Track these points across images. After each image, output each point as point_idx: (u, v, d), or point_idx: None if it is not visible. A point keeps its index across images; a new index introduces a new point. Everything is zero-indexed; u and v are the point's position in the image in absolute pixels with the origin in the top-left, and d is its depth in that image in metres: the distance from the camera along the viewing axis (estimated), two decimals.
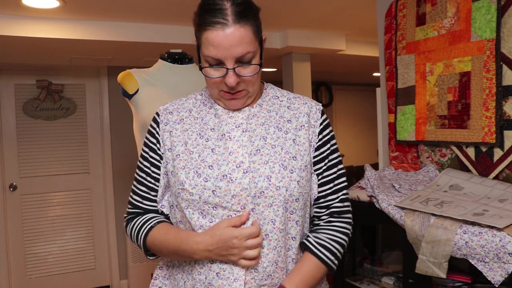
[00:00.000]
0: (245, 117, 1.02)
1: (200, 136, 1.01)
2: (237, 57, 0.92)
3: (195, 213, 0.97)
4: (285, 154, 0.99)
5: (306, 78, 3.56)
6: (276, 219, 0.95)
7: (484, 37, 1.42)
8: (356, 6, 2.57)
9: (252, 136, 0.99)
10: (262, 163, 0.97)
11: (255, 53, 0.95)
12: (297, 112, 1.04)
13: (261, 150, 0.98)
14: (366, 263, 1.77)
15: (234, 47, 0.90)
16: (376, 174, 1.64)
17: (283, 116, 1.04)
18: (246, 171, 0.95)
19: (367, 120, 5.97)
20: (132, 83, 1.84)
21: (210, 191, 0.95)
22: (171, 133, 1.03)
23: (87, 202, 3.83)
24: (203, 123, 1.03)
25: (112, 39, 2.74)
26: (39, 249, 3.67)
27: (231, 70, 0.92)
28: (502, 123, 1.39)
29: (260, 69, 0.98)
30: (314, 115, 1.05)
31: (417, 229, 1.28)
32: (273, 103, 1.06)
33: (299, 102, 1.07)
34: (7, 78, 3.58)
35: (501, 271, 1.11)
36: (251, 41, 0.92)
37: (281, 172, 0.96)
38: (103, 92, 3.85)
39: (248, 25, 0.91)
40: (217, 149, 0.98)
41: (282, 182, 0.95)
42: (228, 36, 0.89)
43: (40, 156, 3.68)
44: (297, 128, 1.02)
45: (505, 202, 1.24)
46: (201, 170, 0.96)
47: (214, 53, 0.92)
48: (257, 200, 0.94)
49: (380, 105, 1.97)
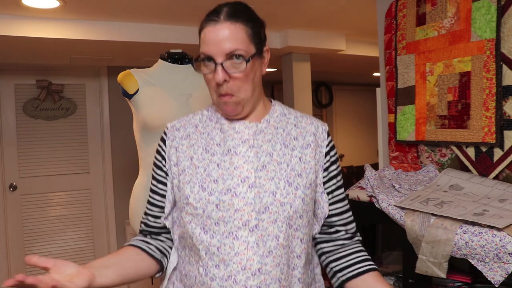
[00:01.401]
0: (251, 133, 1.02)
1: (206, 151, 1.02)
2: (226, 53, 0.93)
3: (197, 228, 0.97)
4: (291, 171, 0.99)
5: (306, 78, 3.56)
6: (280, 235, 0.95)
7: (484, 37, 1.42)
8: (356, 6, 2.57)
9: (258, 152, 1.00)
10: (268, 179, 0.97)
11: (247, 54, 0.95)
12: (304, 131, 1.06)
13: (267, 166, 0.99)
14: None
15: (222, 42, 0.93)
16: (376, 174, 1.64)
17: (290, 134, 1.05)
18: (251, 186, 0.96)
19: (367, 120, 5.97)
20: (132, 83, 1.84)
21: (214, 205, 0.95)
22: (177, 148, 1.05)
23: (87, 202, 3.83)
24: (209, 138, 1.04)
25: (112, 39, 2.74)
26: (39, 249, 3.67)
27: (219, 65, 0.94)
28: (502, 123, 1.39)
29: (256, 72, 0.99)
30: (320, 135, 1.07)
31: (417, 229, 1.28)
32: (280, 120, 1.07)
33: (306, 122, 1.08)
34: (7, 78, 3.58)
35: (501, 271, 1.11)
36: (242, 40, 0.94)
37: (286, 189, 0.97)
38: (103, 92, 3.85)
39: (239, 24, 0.95)
40: (223, 164, 0.99)
41: (286, 198, 0.96)
42: (218, 30, 0.94)
43: (40, 156, 3.68)
44: (303, 147, 1.03)
45: (505, 202, 1.24)
46: (206, 184, 0.97)
47: (206, 48, 0.95)
48: (261, 215, 0.94)
49: (380, 105, 1.97)
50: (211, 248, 0.96)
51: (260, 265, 0.93)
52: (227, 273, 0.94)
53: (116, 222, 3.87)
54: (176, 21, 2.78)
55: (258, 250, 0.94)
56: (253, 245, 0.94)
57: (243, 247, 0.94)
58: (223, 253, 0.95)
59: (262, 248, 0.94)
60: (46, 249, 3.69)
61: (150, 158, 1.88)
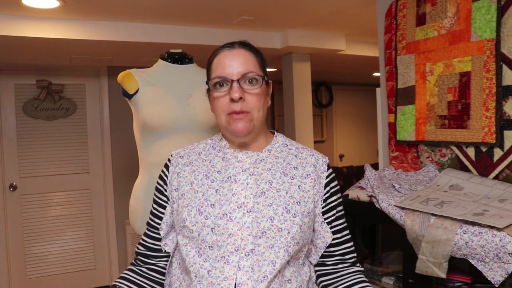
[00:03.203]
0: (252, 161, 1.04)
1: (206, 177, 1.04)
2: (242, 74, 1.00)
3: (192, 250, 0.99)
4: (290, 198, 1.00)
5: (306, 78, 3.56)
6: (276, 261, 0.95)
7: (484, 37, 1.42)
8: (356, 6, 2.58)
9: (258, 179, 1.02)
10: (266, 204, 0.98)
11: (259, 79, 1.02)
12: (304, 161, 1.08)
13: (266, 192, 1.00)
14: (366, 263, 1.77)
15: (238, 64, 1.00)
16: (376, 174, 1.64)
17: (290, 163, 1.07)
18: (249, 211, 0.97)
19: (367, 120, 5.97)
20: (132, 83, 1.84)
21: (209, 228, 0.96)
22: (179, 174, 1.08)
23: (87, 202, 3.83)
24: (210, 165, 1.06)
25: (112, 39, 2.74)
26: (39, 249, 3.67)
27: (235, 82, 0.99)
28: (502, 123, 1.39)
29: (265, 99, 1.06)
30: (320, 167, 1.09)
31: (417, 229, 1.28)
32: (281, 150, 1.10)
33: (307, 153, 1.11)
34: (7, 78, 3.58)
35: (501, 271, 1.11)
36: (254, 64, 1.03)
37: (284, 215, 0.97)
38: (103, 92, 3.85)
39: (252, 52, 1.04)
40: (221, 190, 1.01)
41: (284, 225, 0.97)
42: (234, 54, 1.01)
43: (40, 156, 3.68)
44: (303, 176, 1.05)
45: (505, 202, 1.24)
46: (203, 208, 0.99)
47: (221, 71, 1.01)
48: (258, 240, 0.95)
49: (380, 105, 1.97)
50: (202, 271, 0.97)
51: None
52: None
53: (116, 222, 3.87)
54: (176, 21, 2.78)
55: (253, 275, 0.93)
56: (248, 269, 0.94)
57: (233, 272, 0.94)
58: (212, 277, 0.95)
59: (257, 273, 0.94)
60: (46, 249, 3.69)
61: (150, 158, 1.88)
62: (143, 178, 1.91)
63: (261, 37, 3.20)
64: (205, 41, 2.94)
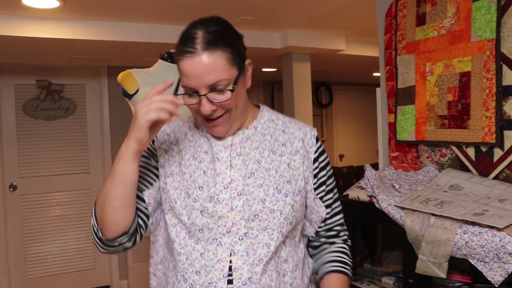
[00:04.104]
0: (238, 140, 1.01)
1: (193, 158, 1.01)
2: (209, 85, 0.90)
3: (182, 232, 0.97)
4: (280, 177, 0.98)
5: (306, 78, 3.56)
6: (271, 243, 0.95)
7: (484, 37, 1.42)
8: (356, 6, 2.57)
9: (246, 159, 0.99)
10: (256, 186, 0.96)
11: (230, 80, 0.91)
12: (292, 136, 1.04)
13: (255, 173, 0.98)
14: (366, 263, 1.77)
15: (203, 75, 0.89)
16: (376, 174, 1.64)
17: (278, 140, 1.03)
18: (239, 194, 0.95)
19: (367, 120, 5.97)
20: (132, 83, 1.84)
21: (198, 211, 0.95)
22: (167, 151, 1.04)
23: (87, 202, 3.83)
24: (196, 146, 1.03)
25: (112, 39, 2.74)
26: (39, 249, 3.67)
27: (204, 98, 0.91)
28: (502, 123, 1.39)
29: (240, 92, 0.96)
30: (309, 141, 1.05)
31: (417, 229, 1.28)
32: (268, 126, 1.05)
33: (294, 127, 1.06)
34: (7, 78, 3.58)
35: (501, 271, 1.11)
36: (223, 68, 0.89)
37: (275, 196, 0.96)
38: (103, 92, 3.85)
39: (218, 52, 0.89)
40: (209, 172, 0.98)
41: (276, 206, 0.95)
42: (196, 64, 0.88)
43: (40, 156, 3.68)
44: (291, 153, 1.02)
45: (505, 202, 1.24)
46: (191, 190, 0.97)
47: (186, 82, 0.92)
48: (251, 223, 0.94)
49: (380, 105, 1.97)
50: (194, 253, 0.95)
51: (251, 274, 0.92)
52: (208, 280, 0.93)
53: None
54: (176, 21, 2.78)
55: (248, 258, 0.93)
56: (243, 253, 0.93)
57: (226, 254, 0.93)
58: (205, 259, 0.94)
59: (252, 256, 0.93)
60: (46, 249, 3.69)
61: None
62: None
63: (261, 37, 3.20)
64: None
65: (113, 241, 0.97)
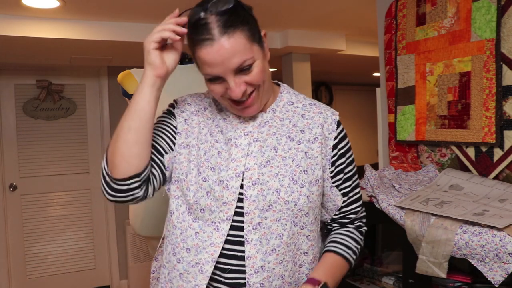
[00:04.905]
0: (256, 124, 0.98)
1: (210, 134, 0.99)
2: (235, 68, 0.87)
3: (183, 206, 0.97)
4: (296, 167, 0.95)
5: (306, 78, 3.56)
6: (284, 233, 0.94)
7: (484, 37, 1.42)
8: (356, 6, 2.57)
9: (262, 146, 0.96)
10: (272, 175, 0.94)
11: (254, 57, 0.89)
12: (311, 122, 1.00)
13: (271, 161, 0.95)
14: (366, 263, 1.77)
15: (227, 60, 0.85)
16: (376, 174, 1.64)
17: (296, 125, 1.00)
18: (255, 183, 0.93)
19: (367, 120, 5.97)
20: (132, 83, 1.84)
21: (204, 191, 0.94)
22: (187, 121, 1.01)
23: (87, 202, 3.83)
24: (214, 124, 1.01)
25: (112, 39, 2.74)
26: (39, 249, 3.67)
27: (232, 82, 0.88)
28: (502, 123, 1.39)
29: (264, 66, 0.93)
30: (329, 126, 1.01)
31: (417, 229, 1.28)
32: (287, 109, 1.02)
33: (315, 111, 1.02)
34: (7, 78, 3.58)
35: (501, 271, 1.11)
36: (245, 48, 0.86)
37: (290, 186, 0.94)
38: (103, 92, 3.85)
39: (237, 32, 0.85)
40: (223, 154, 0.96)
41: (291, 197, 0.93)
42: (218, 51, 0.84)
43: (40, 156, 3.68)
44: (310, 141, 0.98)
45: (505, 202, 1.24)
46: (203, 169, 0.96)
47: (210, 70, 0.88)
48: (265, 213, 0.93)
49: (380, 105, 1.97)
50: (189, 231, 0.95)
51: (263, 263, 0.93)
52: (196, 260, 0.94)
53: (116, 222, 3.87)
54: None
55: (261, 248, 0.93)
56: (256, 243, 0.93)
57: (220, 241, 0.93)
58: (199, 239, 0.94)
59: (265, 246, 0.93)
60: (46, 249, 3.69)
61: None
62: None
63: None
64: None
65: (122, 184, 0.91)
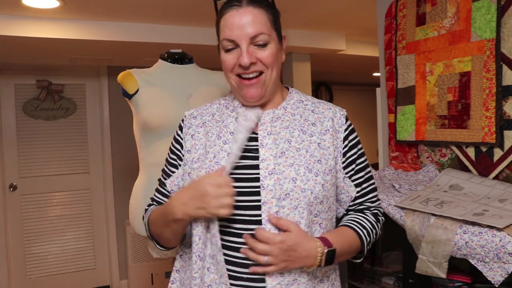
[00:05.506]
0: (268, 119, 1.03)
1: (218, 137, 1.03)
2: (251, 37, 0.95)
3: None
4: (310, 157, 0.99)
5: (306, 78, 3.56)
6: (301, 222, 0.95)
7: (484, 37, 1.42)
8: (356, 6, 2.57)
9: (276, 138, 1.00)
10: (287, 165, 0.97)
11: (270, 38, 0.97)
12: (322, 116, 1.05)
13: (286, 152, 0.99)
14: (366, 263, 1.77)
15: (247, 25, 0.95)
16: (376, 174, 1.64)
17: (308, 119, 1.04)
18: (271, 173, 0.96)
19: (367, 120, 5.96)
20: (132, 83, 1.84)
21: None
22: (193, 136, 1.07)
23: (87, 202, 3.83)
24: (223, 126, 1.05)
25: (112, 39, 2.74)
26: (39, 249, 3.67)
27: (244, 49, 0.95)
28: (502, 123, 1.39)
29: (279, 57, 1.01)
30: (338, 120, 1.06)
31: (417, 229, 1.28)
32: (297, 106, 1.07)
33: (324, 107, 1.08)
34: (7, 78, 3.57)
35: (501, 271, 1.11)
36: (265, 24, 0.97)
37: (306, 175, 0.97)
38: (103, 92, 3.85)
39: (261, 9, 0.97)
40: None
41: (307, 185, 0.96)
42: (242, 14, 0.95)
43: (40, 156, 3.68)
44: (321, 132, 1.03)
45: (505, 202, 1.24)
46: (213, 171, 0.98)
47: (229, 33, 0.96)
48: (282, 202, 0.94)
49: (380, 105, 1.97)
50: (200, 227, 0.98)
51: None
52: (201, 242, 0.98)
53: (116, 222, 3.87)
54: (176, 21, 2.78)
55: None
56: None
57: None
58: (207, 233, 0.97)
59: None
60: (46, 249, 3.69)
61: (150, 158, 1.88)
62: (143, 178, 1.91)
63: None
64: (205, 41, 2.94)
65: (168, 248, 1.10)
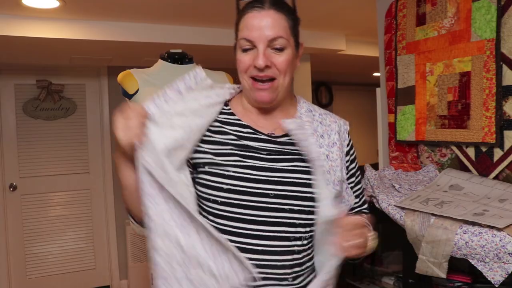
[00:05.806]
0: (295, 126, 1.02)
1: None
2: (269, 40, 0.95)
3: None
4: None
5: (306, 78, 3.56)
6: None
7: (484, 37, 1.42)
8: (356, 6, 2.57)
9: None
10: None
11: (288, 43, 0.98)
12: (329, 128, 1.07)
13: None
14: (366, 263, 1.77)
15: (266, 28, 0.95)
16: (376, 174, 1.64)
17: (317, 131, 1.06)
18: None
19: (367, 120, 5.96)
20: (132, 83, 1.84)
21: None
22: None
23: (87, 202, 3.83)
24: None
25: (112, 39, 2.74)
26: (39, 249, 3.67)
27: (261, 51, 0.95)
28: (502, 123, 1.39)
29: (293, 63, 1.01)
30: (343, 135, 1.10)
31: (417, 229, 1.28)
32: (307, 116, 1.08)
33: (330, 119, 1.10)
34: (7, 78, 3.57)
35: (501, 271, 1.11)
36: (284, 29, 0.97)
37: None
38: (103, 92, 3.85)
39: (282, 13, 0.97)
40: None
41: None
42: (263, 16, 0.96)
43: (40, 156, 3.68)
44: (329, 145, 1.05)
45: (505, 202, 1.24)
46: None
47: (247, 33, 0.96)
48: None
49: (380, 105, 1.97)
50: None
51: None
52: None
53: (116, 222, 3.87)
54: (176, 21, 2.78)
55: None
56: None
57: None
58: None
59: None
60: (46, 249, 3.69)
61: None
62: None
63: None
64: (205, 41, 2.94)
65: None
